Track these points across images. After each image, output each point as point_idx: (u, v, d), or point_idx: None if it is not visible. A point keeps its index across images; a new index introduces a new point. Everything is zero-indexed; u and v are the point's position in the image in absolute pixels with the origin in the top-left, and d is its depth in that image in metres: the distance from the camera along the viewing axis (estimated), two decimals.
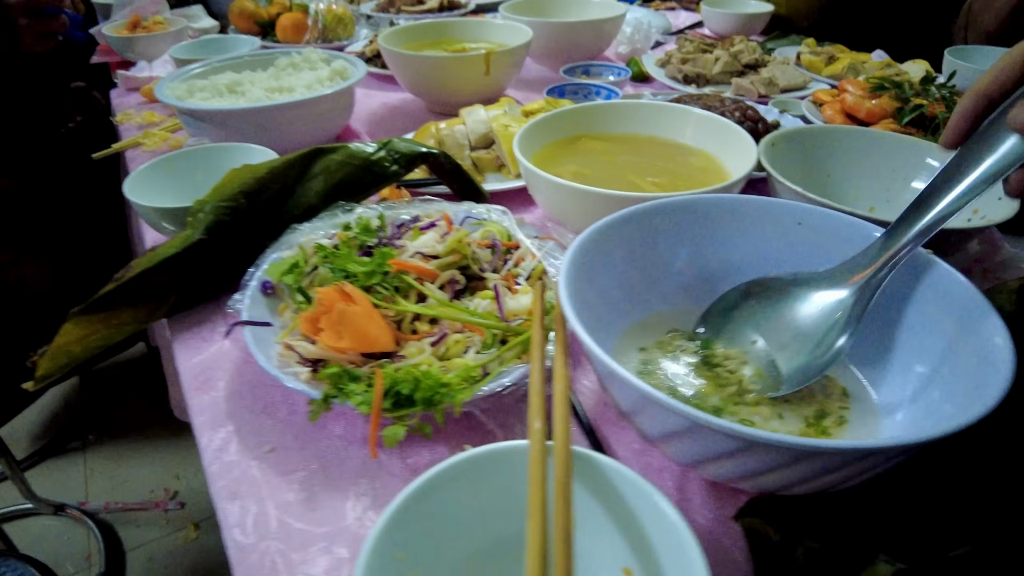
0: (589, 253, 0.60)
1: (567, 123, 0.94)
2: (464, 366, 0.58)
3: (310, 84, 1.15)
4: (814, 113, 1.15)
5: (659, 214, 0.66)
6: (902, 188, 0.87)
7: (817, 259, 0.64)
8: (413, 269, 0.67)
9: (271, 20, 1.77)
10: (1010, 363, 0.46)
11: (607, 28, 1.49)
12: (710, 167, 0.87)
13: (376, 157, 0.85)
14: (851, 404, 0.58)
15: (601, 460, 0.46)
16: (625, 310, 0.66)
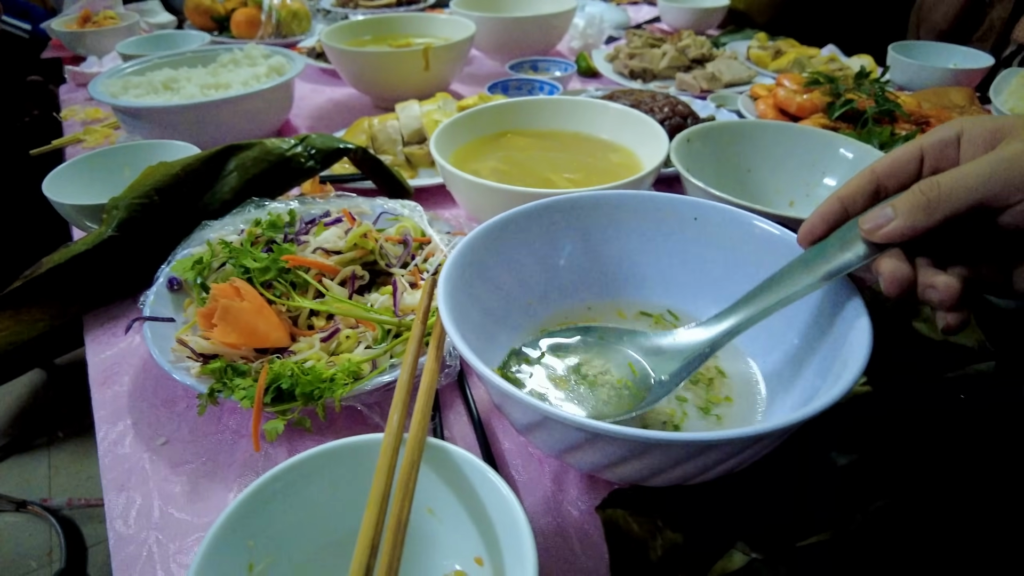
0: (481, 251, 0.60)
1: (492, 119, 0.95)
2: (348, 361, 0.59)
3: (246, 80, 1.15)
4: (749, 108, 1.15)
5: (556, 211, 0.66)
6: (820, 182, 0.88)
7: (713, 252, 0.65)
8: (309, 264, 0.68)
9: (227, 15, 1.77)
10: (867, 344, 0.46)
11: (556, 23, 1.49)
12: (628, 162, 0.88)
13: (292, 153, 0.85)
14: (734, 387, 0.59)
15: (456, 452, 0.47)
16: (527, 306, 0.67)
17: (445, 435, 0.62)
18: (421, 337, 0.55)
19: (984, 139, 0.43)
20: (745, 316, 0.52)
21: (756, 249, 0.61)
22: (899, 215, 0.43)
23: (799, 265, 0.51)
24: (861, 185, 0.48)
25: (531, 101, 0.97)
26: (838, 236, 0.49)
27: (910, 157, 0.46)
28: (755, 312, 0.51)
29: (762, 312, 0.51)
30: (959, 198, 0.41)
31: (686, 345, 0.55)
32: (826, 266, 0.49)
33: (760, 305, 0.51)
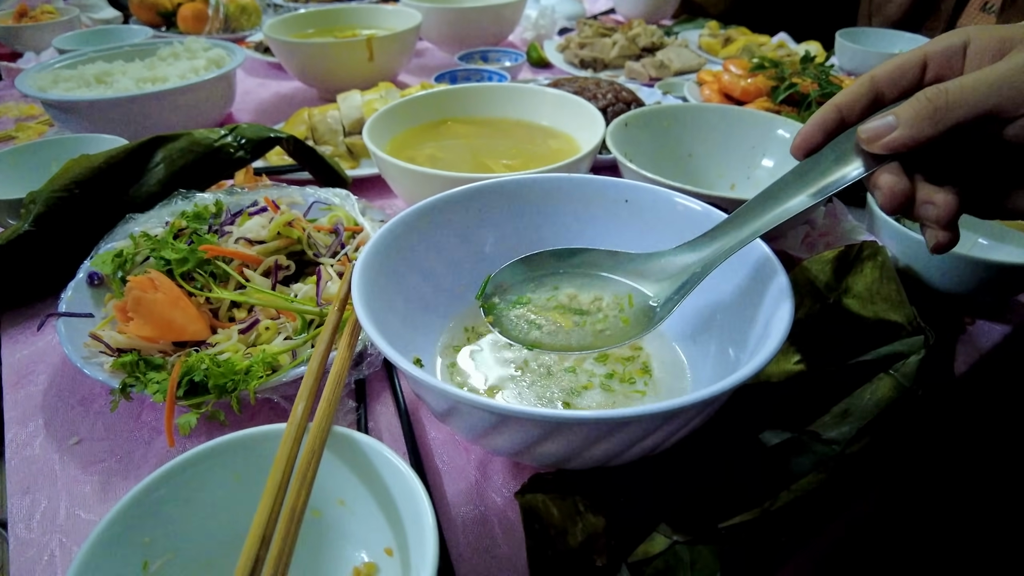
0: (406, 236, 0.59)
1: (431, 107, 0.93)
2: (264, 352, 0.57)
3: (184, 74, 1.12)
4: (694, 94, 1.15)
5: (485, 195, 0.65)
6: (759, 164, 0.88)
7: (644, 234, 0.64)
8: (229, 254, 0.65)
9: (173, 10, 1.73)
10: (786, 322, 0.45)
11: (507, 14, 1.48)
12: (567, 148, 0.87)
13: (221, 143, 0.82)
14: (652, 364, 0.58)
15: (366, 442, 0.45)
16: (459, 292, 0.65)
17: (371, 426, 0.60)
18: (335, 326, 0.53)
19: (992, 48, 0.41)
20: (736, 238, 0.48)
21: (683, 227, 0.60)
22: (902, 124, 0.40)
23: (792, 179, 0.47)
24: (859, 92, 0.44)
25: (470, 88, 0.95)
26: (833, 147, 0.46)
27: (913, 64, 0.43)
28: (747, 234, 0.48)
29: (753, 233, 0.47)
30: (968, 105, 0.38)
31: (678, 267, 0.51)
32: (821, 180, 0.45)
33: (752, 225, 0.48)
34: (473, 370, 0.58)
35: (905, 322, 0.61)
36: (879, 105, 0.44)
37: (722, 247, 0.48)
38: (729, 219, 0.49)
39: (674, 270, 0.51)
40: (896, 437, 0.53)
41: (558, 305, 0.53)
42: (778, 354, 0.61)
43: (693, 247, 0.51)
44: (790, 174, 0.47)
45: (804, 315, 0.62)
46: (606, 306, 0.53)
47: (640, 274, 0.53)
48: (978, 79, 0.38)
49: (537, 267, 0.56)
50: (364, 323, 0.46)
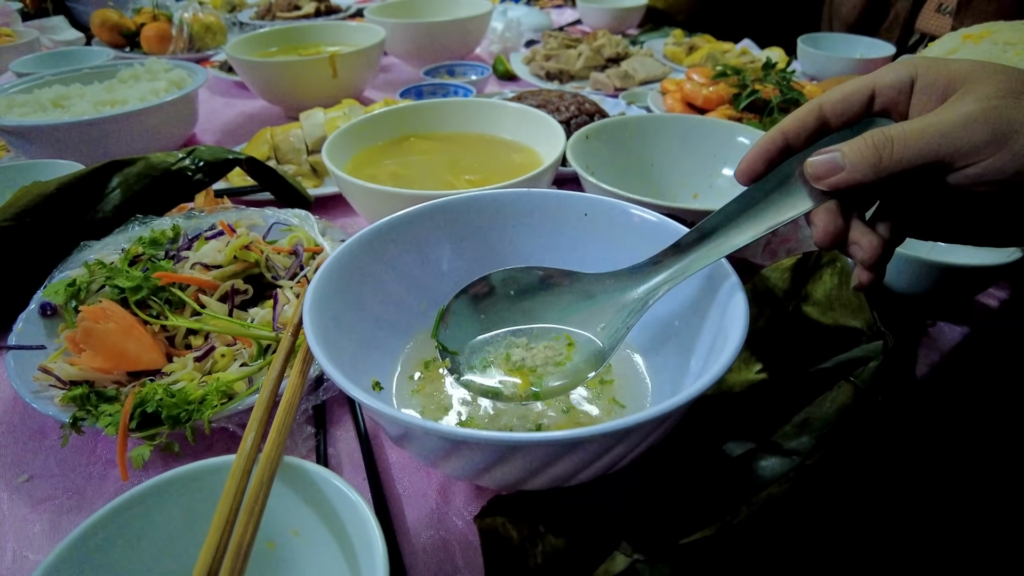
0: (362, 257, 0.58)
1: (393, 123, 0.93)
2: (218, 380, 0.56)
3: (144, 96, 1.10)
4: (658, 103, 1.16)
5: (444, 212, 0.64)
6: (720, 172, 0.88)
7: (604, 246, 0.63)
8: (183, 280, 0.64)
9: (137, 30, 1.71)
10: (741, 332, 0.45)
11: (472, 27, 1.48)
12: (530, 161, 0.87)
13: (179, 166, 0.81)
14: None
15: (317, 472, 0.44)
16: (420, 311, 0.64)
17: (331, 452, 0.59)
18: (288, 352, 0.52)
19: (939, 88, 0.41)
20: (682, 271, 0.49)
21: (641, 239, 0.60)
22: (847, 166, 0.41)
23: (739, 212, 0.47)
24: (806, 120, 0.45)
25: (432, 104, 0.95)
26: (778, 174, 0.46)
27: (861, 95, 0.44)
28: (694, 267, 0.48)
29: (698, 265, 0.48)
30: (912, 154, 0.39)
31: (621, 301, 0.52)
32: (768, 220, 0.46)
33: (697, 259, 0.48)
34: (434, 391, 0.58)
35: (864, 327, 0.62)
36: (825, 133, 0.45)
37: (666, 278, 0.50)
38: (678, 245, 0.50)
39: (618, 303, 0.52)
40: (857, 444, 0.53)
41: (511, 366, 0.53)
42: (739, 363, 0.61)
43: (636, 276, 0.51)
44: (736, 203, 0.47)
45: (764, 324, 0.63)
46: (556, 353, 0.53)
47: (586, 299, 0.54)
48: (923, 128, 0.39)
49: (488, 306, 0.56)
50: (315, 350, 0.45)
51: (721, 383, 0.60)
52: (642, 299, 0.50)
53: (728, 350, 0.44)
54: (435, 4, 1.65)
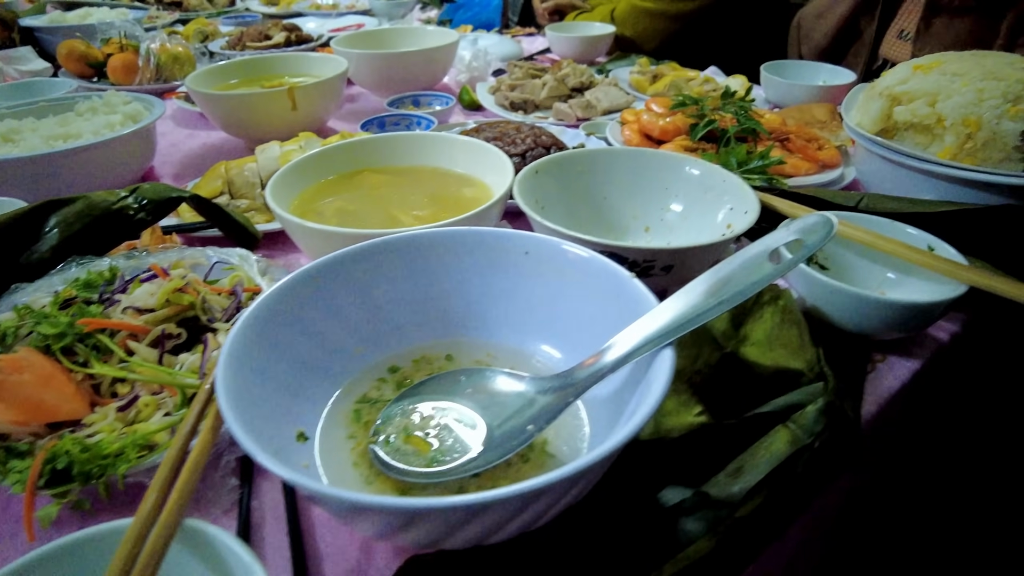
0: (292, 299, 0.57)
1: (344, 158, 0.92)
2: (135, 432, 0.54)
3: (98, 129, 1.09)
4: (616, 135, 1.15)
5: (380, 253, 0.63)
6: (669, 207, 0.88)
7: (545, 284, 0.63)
8: (111, 326, 0.62)
9: (104, 61, 1.70)
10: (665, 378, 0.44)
11: (438, 57, 1.48)
12: (481, 195, 0.86)
13: (120, 205, 0.80)
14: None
15: (218, 538, 0.42)
16: (355, 353, 0.63)
17: (255, 505, 0.57)
18: (204, 405, 0.51)
19: None
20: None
21: (578, 277, 0.60)
22: None
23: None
24: None
25: (384, 138, 0.94)
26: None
27: None
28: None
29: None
30: None
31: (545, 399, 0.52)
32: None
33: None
34: (363, 439, 0.56)
35: (805, 368, 0.61)
36: None
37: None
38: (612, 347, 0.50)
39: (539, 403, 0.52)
40: (794, 492, 0.52)
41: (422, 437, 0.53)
42: (678, 406, 0.60)
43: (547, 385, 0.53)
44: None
45: (703, 365, 0.61)
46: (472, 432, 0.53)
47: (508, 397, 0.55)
48: None
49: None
50: (223, 407, 0.43)
51: (659, 427, 0.58)
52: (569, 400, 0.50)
53: (648, 402, 0.43)
54: (403, 34, 1.65)
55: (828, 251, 0.81)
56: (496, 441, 0.52)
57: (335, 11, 2.48)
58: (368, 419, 0.58)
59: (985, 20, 1.39)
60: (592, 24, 1.88)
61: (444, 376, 0.59)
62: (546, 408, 0.52)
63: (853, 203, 0.86)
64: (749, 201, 0.77)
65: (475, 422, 0.54)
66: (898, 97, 0.95)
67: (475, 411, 0.55)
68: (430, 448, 0.53)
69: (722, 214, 0.80)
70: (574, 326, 0.61)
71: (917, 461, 0.80)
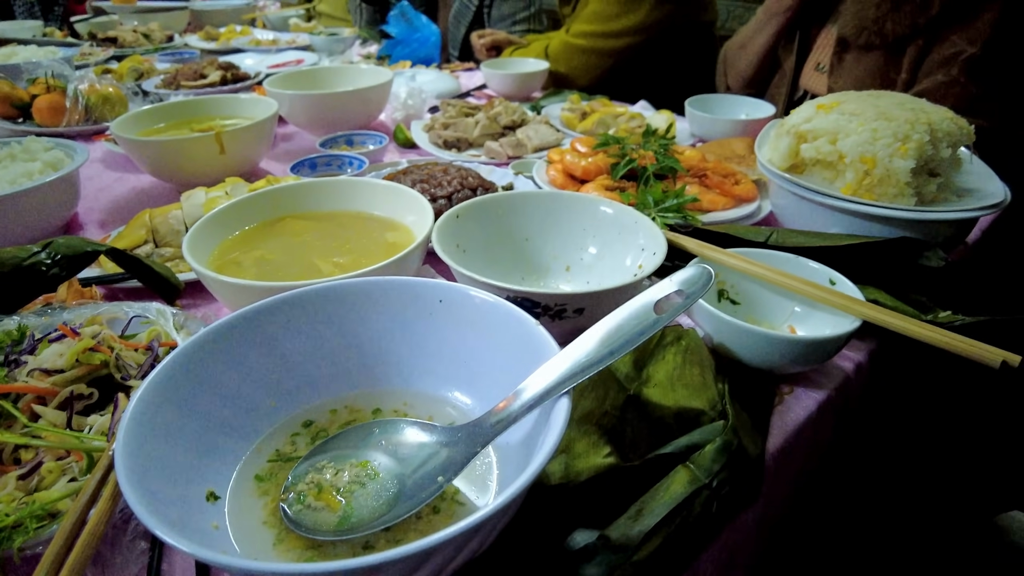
0: (201, 358, 0.57)
1: (266, 206, 0.92)
2: (34, 503, 0.53)
3: (15, 179, 1.07)
4: (542, 174, 1.18)
5: (291, 306, 0.63)
6: (587, 248, 0.90)
7: (458, 330, 0.64)
8: (14, 390, 0.61)
9: (30, 102, 1.67)
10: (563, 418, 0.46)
11: (372, 96, 1.49)
12: (403, 241, 0.87)
13: (32, 261, 0.78)
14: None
15: None
16: (270, 408, 0.63)
17: (164, 568, 0.56)
18: (105, 472, 0.50)
19: None
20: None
21: (487, 324, 0.62)
22: None
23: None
24: None
25: (306, 184, 0.95)
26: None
27: None
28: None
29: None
30: None
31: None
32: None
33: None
34: (274, 496, 0.56)
35: (708, 407, 0.63)
36: None
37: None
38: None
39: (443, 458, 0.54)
40: (692, 533, 0.54)
41: (330, 490, 0.54)
42: (587, 447, 0.62)
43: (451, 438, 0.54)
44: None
45: (611, 407, 0.63)
46: (378, 485, 0.54)
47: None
48: None
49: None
50: (120, 473, 0.43)
51: (568, 470, 0.60)
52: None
53: (536, 462, 0.44)
54: (338, 73, 1.67)
55: (739, 287, 0.84)
56: (407, 493, 0.53)
57: (275, 47, 2.48)
58: (281, 476, 0.58)
59: (890, 56, 1.48)
60: (527, 60, 1.92)
61: (357, 429, 0.60)
62: (455, 458, 0.53)
63: (763, 239, 0.90)
64: (658, 242, 0.80)
65: (387, 475, 0.55)
66: (804, 135, 1.00)
67: (387, 464, 0.56)
68: (340, 504, 0.53)
69: (633, 255, 0.83)
70: (484, 372, 0.62)
71: (829, 489, 0.83)
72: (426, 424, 0.58)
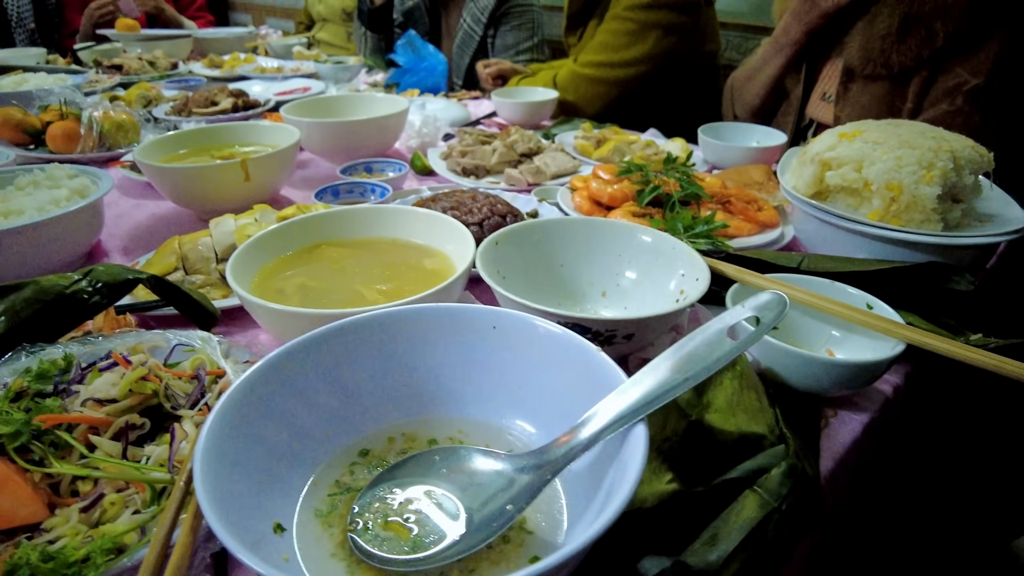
0: (264, 386, 0.56)
1: (303, 233, 0.92)
2: (103, 537, 0.52)
3: (43, 206, 1.07)
4: (567, 200, 1.20)
5: (349, 333, 0.63)
6: (624, 273, 0.91)
7: (514, 357, 0.64)
8: (71, 420, 0.61)
9: (43, 129, 1.66)
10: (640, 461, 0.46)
11: (389, 124, 1.51)
12: (443, 267, 0.88)
13: (73, 290, 0.78)
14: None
15: None
16: (326, 436, 0.62)
17: None
18: (181, 503, 0.50)
19: None
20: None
21: (547, 351, 0.62)
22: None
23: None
24: None
25: (343, 212, 0.95)
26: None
27: None
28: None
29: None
30: None
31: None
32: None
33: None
34: (338, 526, 0.55)
35: (767, 432, 0.64)
36: None
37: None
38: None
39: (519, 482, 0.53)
40: (767, 557, 0.54)
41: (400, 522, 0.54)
42: (649, 474, 0.62)
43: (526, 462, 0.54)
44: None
45: (671, 433, 0.64)
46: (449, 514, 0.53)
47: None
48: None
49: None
50: (204, 507, 0.43)
51: (633, 496, 0.60)
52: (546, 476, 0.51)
53: (623, 491, 0.44)
54: (352, 101, 1.68)
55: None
56: (477, 524, 0.53)
57: (280, 74, 2.50)
58: (344, 506, 0.57)
59: (895, 86, 1.52)
60: (536, 89, 1.95)
61: (419, 457, 0.59)
62: (525, 487, 0.53)
63: (795, 264, 0.92)
64: (699, 268, 0.81)
65: (454, 504, 0.55)
66: (828, 163, 1.03)
67: (453, 493, 0.56)
68: (410, 533, 0.53)
69: (675, 281, 0.84)
70: (545, 400, 0.62)
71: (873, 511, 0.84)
72: (489, 451, 0.58)
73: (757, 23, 2.71)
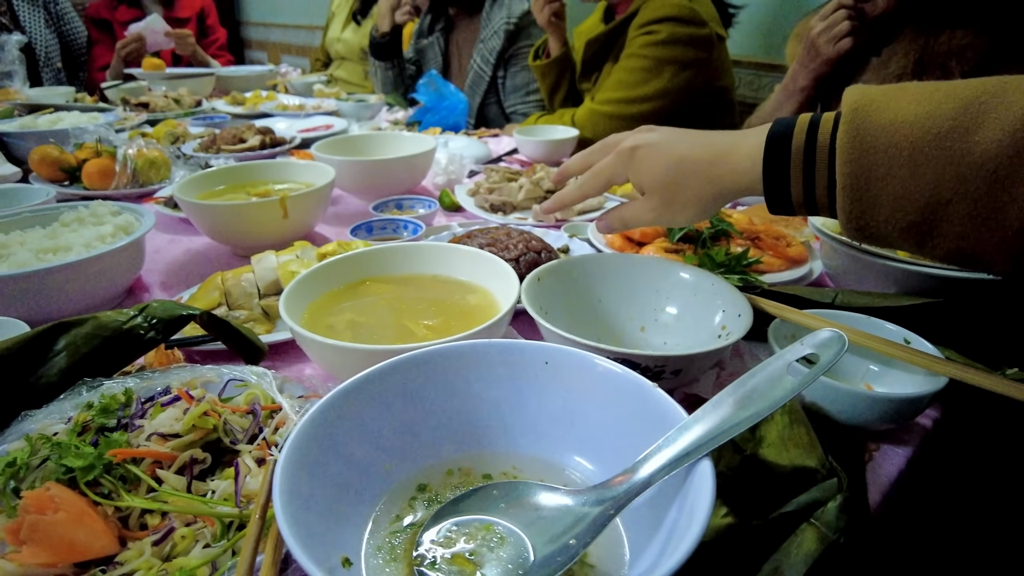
0: (328, 422, 0.58)
1: (348, 269, 0.95)
2: (180, 570, 0.53)
3: (89, 242, 1.09)
4: (597, 236, 1.22)
5: (406, 369, 0.65)
6: (664, 308, 0.93)
7: (566, 393, 0.65)
8: (141, 455, 0.62)
9: (78, 166, 1.70)
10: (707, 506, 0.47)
11: (418, 163, 1.54)
12: (485, 304, 0.90)
13: (130, 325, 0.80)
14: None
15: None
16: (385, 472, 0.63)
17: None
18: (259, 533, 0.51)
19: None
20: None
21: (602, 388, 0.63)
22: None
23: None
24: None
25: (387, 249, 0.97)
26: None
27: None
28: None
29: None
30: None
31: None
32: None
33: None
34: (402, 561, 0.56)
35: (819, 466, 0.65)
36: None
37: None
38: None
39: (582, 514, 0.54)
40: None
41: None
42: None
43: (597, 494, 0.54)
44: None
45: (725, 467, 0.65)
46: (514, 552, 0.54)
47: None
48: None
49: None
50: (290, 542, 0.44)
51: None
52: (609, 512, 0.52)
53: (695, 528, 0.45)
54: (379, 139, 1.72)
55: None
56: (540, 559, 0.54)
57: (302, 112, 2.55)
58: (407, 539, 0.58)
59: None
60: (556, 128, 1.99)
61: (478, 492, 0.60)
62: (586, 521, 0.54)
63: (829, 299, 0.93)
64: (740, 304, 0.83)
65: (517, 538, 0.56)
66: None
67: (515, 527, 0.56)
68: (476, 568, 0.54)
69: (718, 317, 0.86)
70: (599, 435, 0.64)
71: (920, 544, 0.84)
72: (550, 486, 0.59)
73: (768, 60, 2.77)
